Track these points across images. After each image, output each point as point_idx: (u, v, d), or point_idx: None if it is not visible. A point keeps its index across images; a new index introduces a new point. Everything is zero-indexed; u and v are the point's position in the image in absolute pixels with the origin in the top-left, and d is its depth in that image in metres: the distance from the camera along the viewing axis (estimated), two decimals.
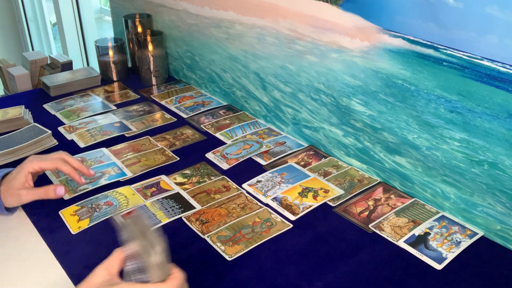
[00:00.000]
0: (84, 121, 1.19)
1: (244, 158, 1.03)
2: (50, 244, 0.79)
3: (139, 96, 1.35)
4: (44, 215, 0.85)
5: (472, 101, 0.72)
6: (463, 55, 0.71)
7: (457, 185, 0.81)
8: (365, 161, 0.97)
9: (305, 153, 1.05)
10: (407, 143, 0.85)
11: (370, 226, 0.83)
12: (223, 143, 1.10)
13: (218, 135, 1.13)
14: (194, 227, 0.82)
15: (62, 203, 0.87)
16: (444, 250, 0.77)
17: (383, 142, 0.91)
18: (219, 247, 0.77)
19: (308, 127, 1.07)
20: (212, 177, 0.96)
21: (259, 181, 0.95)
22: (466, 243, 0.79)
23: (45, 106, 1.29)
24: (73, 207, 0.86)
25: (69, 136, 1.12)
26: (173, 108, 1.27)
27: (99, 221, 0.83)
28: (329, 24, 0.91)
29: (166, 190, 0.92)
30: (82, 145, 1.08)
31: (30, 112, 1.22)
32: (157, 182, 0.94)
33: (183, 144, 1.09)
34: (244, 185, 0.94)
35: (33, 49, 2.87)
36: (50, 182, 0.94)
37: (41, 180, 0.89)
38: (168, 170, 0.99)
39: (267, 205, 0.88)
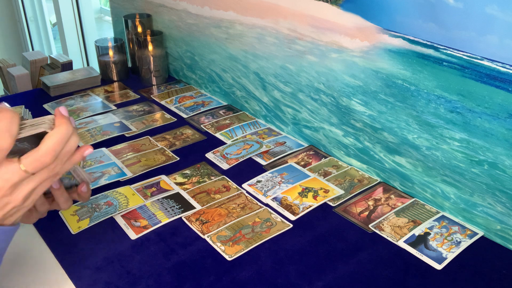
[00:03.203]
0: (84, 121, 1.19)
1: (244, 158, 1.03)
2: (50, 244, 0.79)
3: (139, 96, 1.35)
4: (44, 217, 0.85)
5: (472, 101, 0.72)
6: (463, 55, 0.71)
7: (457, 185, 0.81)
8: (365, 161, 0.97)
9: (305, 153, 1.05)
10: (407, 143, 0.85)
11: (370, 226, 0.83)
12: (223, 143, 1.10)
13: (218, 135, 1.13)
14: (194, 227, 0.82)
15: None
16: (444, 250, 0.77)
17: (383, 142, 0.91)
18: (219, 247, 0.77)
19: (308, 127, 1.07)
20: (212, 177, 0.96)
21: (259, 181, 0.95)
22: (466, 243, 0.79)
23: (45, 106, 1.29)
24: (73, 207, 0.86)
25: None
26: (173, 108, 1.27)
27: (99, 221, 0.83)
28: (329, 24, 0.91)
29: (166, 190, 0.92)
30: (82, 145, 1.08)
31: (30, 112, 1.22)
32: (157, 182, 0.94)
33: (183, 144, 1.09)
34: (244, 185, 0.94)
35: (33, 49, 2.87)
36: None
37: None
38: (168, 170, 0.99)
39: (267, 205, 0.88)
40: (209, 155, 1.04)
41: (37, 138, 0.54)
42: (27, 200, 0.55)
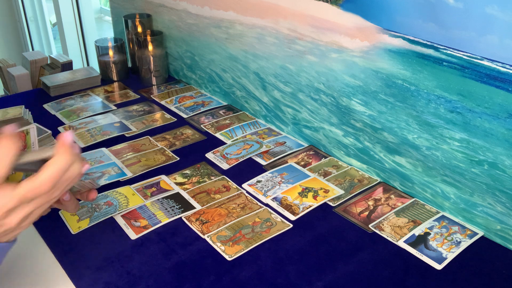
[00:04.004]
0: (84, 121, 1.19)
1: (244, 158, 1.03)
2: (50, 244, 0.79)
3: (139, 96, 1.35)
4: (44, 215, 0.85)
5: (472, 101, 0.72)
6: (463, 55, 0.71)
7: (457, 185, 0.81)
8: (365, 161, 0.97)
9: (305, 153, 1.05)
10: (407, 143, 0.85)
11: (370, 226, 0.83)
12: (223, 143, 1.10)
13: (218, 135, 1.13)
14: (194, 227, 0.82)
15: None
16: (444, 250, 0.77)
17: (383, 142, 0.91)
18: (219, 247, 0.77)
19: (308, 127, 1.07)
20: (212, 177, 0.96)
21: (259, 181, 0.95)
22: (466, 243, 0.79)
23: (45, 106, 1.29)
24: None
25: None
26: (173, 108, 1.27)
27: (99, 221, 0.83)
28: (329, 24, 0.91)
29: (166, 190, 0.92)
30: (82, 145, 1.08)
31: (30, 112, 1.22)
32: (157, 182, 0.94)
33: (183, 144, 1.09)
34: (244, 185, 0.94)
35: (33, 49, 2.87)
36: None
37: None
38: (168, 170, 0.99)
39: (267, 205, 0.88)
40: (209, 155, 1.04)
41: (43, 162, 0.54)
42: (22, 223, 0.55)
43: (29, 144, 0.66)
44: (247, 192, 0.92)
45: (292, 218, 0.85)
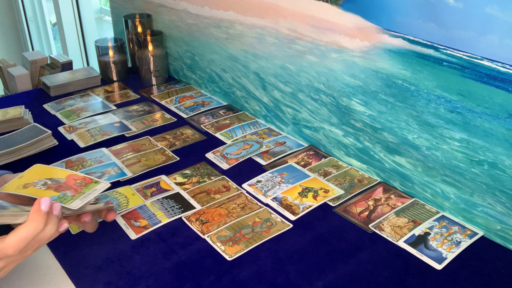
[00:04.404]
0: (84, 121, 1.19)
1: (244, 158, 1.03)
2: (50, 244, 0.79)
3: (139, 96, 1.35)
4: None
5: (472, 101, 0.72)
6: (463, 55, 0.71)
7: (457, 185, 0.81)
8: (365, 161, 0.97)
9: (305, 153, 1.05)
10: (407, 143, 0.85)
11: (370, 226, 0.83)
12: (223, 143, 1.10)
13: (218, 135, 1.13)
14: (194, 227, 0.82)
15: None
16: (444, 250, 0.77)
17: (383, 142, 0.91)
18: (219, 247, 0.77)
19: (308, 127, 1.07)
20: (212, 177, 0.96)
21: (259, 181, 0.95)
22: (466, 243, 0.79)
23: (45, 106, 1.29)
24: None
25: (69, 136, 1.12)
26: (173, 108, 1.27)
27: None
28: (329, 24, 0.91)
29: (166, 190, 0.92)
30: (82, 145, 1.08)
31: (30, 112, 1.22)
32: (157, 182, 0.94)
33: (183, 144, 1.09)
34: (244, 185, 0.94)
35: (33, 49, 2.87)
36: None
37: None
38: (168, 170, 0.99)
39: (267, 205, 0.88)
40: (209, 155, 1.04)
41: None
42: None
43: (85, 191, 0.69)
44: (247, 192, 0.92)
45: (292, 218, 0.85)
